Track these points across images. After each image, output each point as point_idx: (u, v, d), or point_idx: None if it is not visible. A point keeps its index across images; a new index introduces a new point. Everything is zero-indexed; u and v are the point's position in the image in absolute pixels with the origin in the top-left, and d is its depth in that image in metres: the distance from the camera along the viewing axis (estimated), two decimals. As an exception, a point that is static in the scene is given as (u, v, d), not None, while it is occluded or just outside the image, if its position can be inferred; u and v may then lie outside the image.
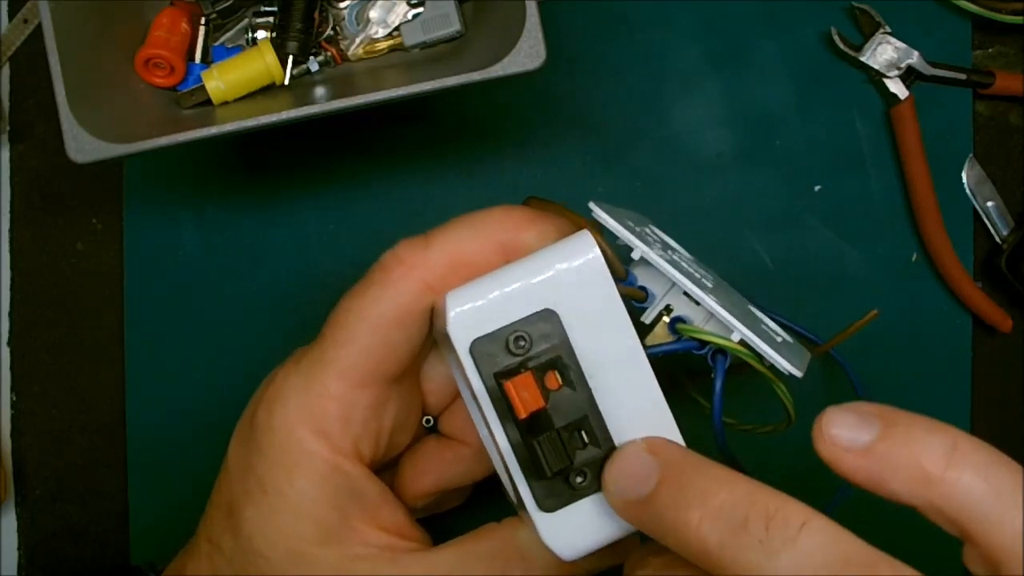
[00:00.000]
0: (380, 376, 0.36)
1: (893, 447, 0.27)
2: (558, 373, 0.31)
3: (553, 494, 0.32)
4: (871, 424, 0.27)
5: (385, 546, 0.36)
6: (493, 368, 0.31)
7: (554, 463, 0.31)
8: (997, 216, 0.51)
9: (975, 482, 0.26)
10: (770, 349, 0.33)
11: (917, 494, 0.27)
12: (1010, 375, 0.51)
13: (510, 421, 0.31)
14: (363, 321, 0.35)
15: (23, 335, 0.52)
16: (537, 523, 0.32)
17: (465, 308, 0.32)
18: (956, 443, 0.27)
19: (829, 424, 0.28)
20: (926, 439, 0.27)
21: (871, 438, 0.27)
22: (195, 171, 0.52)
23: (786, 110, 0.51)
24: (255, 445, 0.36)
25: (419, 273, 0.35)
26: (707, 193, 0.51)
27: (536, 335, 0.31)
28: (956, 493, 0.26)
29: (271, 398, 0.36)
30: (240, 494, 0.36)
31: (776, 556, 0.26)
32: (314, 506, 0.35)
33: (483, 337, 0.31)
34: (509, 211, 0.36)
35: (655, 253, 0.34)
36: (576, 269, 0.32)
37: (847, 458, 0.27)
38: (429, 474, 0.41)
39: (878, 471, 0.27)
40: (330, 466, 0.35)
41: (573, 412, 0.31)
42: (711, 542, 0.27)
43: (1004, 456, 0.27)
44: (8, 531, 0.52)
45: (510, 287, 0.32)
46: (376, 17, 0.47)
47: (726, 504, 0.27)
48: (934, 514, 0.27)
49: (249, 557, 0.36)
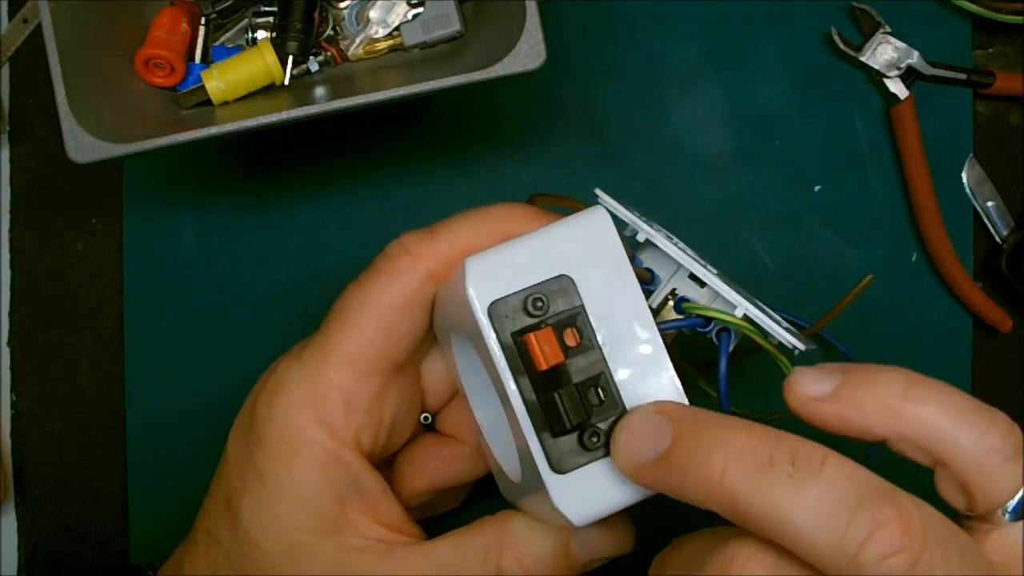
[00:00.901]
0: (384, 365, 0.36)
1: (856, 388, 0.29)
2: (576, 331, 0.32)
3: (566, 454, 0.32)
4: (833, 375, 0.29)
5: (382, 539, 0.36)
6: (511, 328, 0.32)
7: (574, 416, 0.31)
8: (997, 216, 0.51)
9: (932, 408, 0.28)
10: (773, 323, 0.34)
11: (884, 426, 0.29)
12: (1010, 375, 0.51)
13: (525, 378, 0.32)
14: (369, 309, 0.36)
15: (23, 335, 0.52)
16: (549, 485, 0.32)
17: (484, 269, 0.32)
18: (910, 379, 0.29)
19: (798, 380, 0.30)
20: (883, 378, 0.29)
21: (834, 386, 0.29)
22: (195, 171, 0.52)
23: (786, 110, 0.51)
24: (255, 435, 0.36)
25: (425, 264, 0.36)
26: (707, 193, 0.51)
27: (553, 298, 0.32)
28: (917, 419, 0.28)
29: (272, 388, 0.36)
30: (238, 485, 0.36)
31: (806, 488, 0.27)
32: (312, 495, 0.35)
33: (501, 299, 0.32)
34: (514, 207, 0.37)
35: (660, 236, 0.35)
36: (592, 237, 0.33)
37: (817, 406, 0.29)
38: (426, 472, 0.41)
39: (847, 412, 0.29)
40: (330, 455, 0.35)
41: (589, 369, 0.32)
42: (738, 484, 0.27)
43: (958, 389, 0.29)
44: (8, 531, 0.52)
45: (528, 252, 0.33)
46: (376, 17, 0.47)
47: (747, 446, 0.28)
48: (904, 445, 0.29)
49: (246, 549, 0.36)
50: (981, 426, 0.28)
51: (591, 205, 0.36)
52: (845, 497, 0.26)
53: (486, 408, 0.39)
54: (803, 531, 0.26)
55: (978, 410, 0.28)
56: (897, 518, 0.26)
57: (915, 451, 0.29)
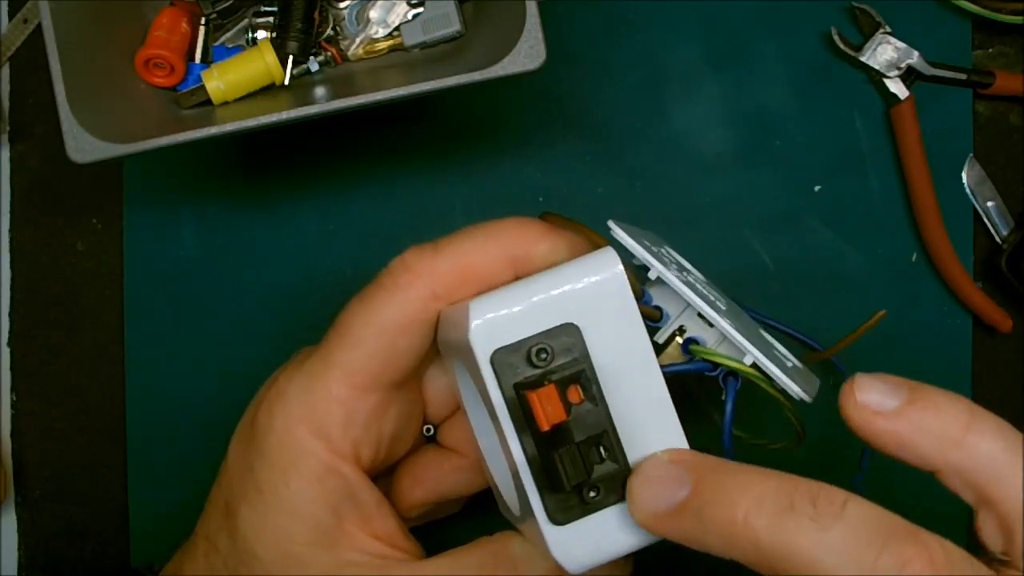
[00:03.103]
0: (384, 381, 0.36)
1: (921, 411, 0.29)
2: (580, 387, 0.31)
3: (565, 508, 0.32)
4: (900, 390, 0.29)
5: (377, 554, 0.36)
6: (513, 379, 0.31)
7: (573, 476, 0.31)
8: (997, 216, 0.51)
9: (993, 443, 0.28)
10: (781, 373, 0.34)
11: (941, 456, 0.28)
12: (1010, 375, 0.51)
13: (527, 433, 0.31)
14: (370, 325, 0.35)
15: (23, 335, 0.52)
16: (547, 536, 0.32)
17: (487, 318, 0.31)
18: (974, 411, 0.29)
19: (861, 389, 0.29)
20: (950, 405, 0.29)
21: (899, 403, 0.29)
22: (195, 171, 0.52)
23: (786, 110, 0.51)
24: (255, 445, 0.36)
25: (427, 281, 0.35)
26: (707, 193, 0.51)
27: (558, 348, 0.31)
28: (976, 453, 0.28)
29: (273, 398, 0.36)
30: (238, 493, 0.36)
31: (830, 530, 0.27)
32: (309, 507, 0.35)
33: (504, 348, 0.31)
34: (521, 223, 0.36)
35: (671, 274, 0.35)
36: (600, 285, 0.32)
37: (877, 421, 0.29)
38: (426, 483, 0.41)
39: (907, 433, 0.29)
40: (327, 467, 0.35)
41: (592, 426, 0.31)
42: (760, 530, 0.27)
43: (1015, 429, 0.29)
44: (8, 531, 0.52)
45: (533, 299, 0.32)
46: (376, 17, 0.47)
47: (767, 492, 0.28)
48: (954, 478, 0.29)
49: (242, 557, 0.36)
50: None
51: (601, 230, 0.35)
52: (869, 537, 0.27)
53: (487, 436, 0.38)
54: (830, 571, 0.26)
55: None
56: (922, 555, 0.26)
57: (964, 487, 0.29)
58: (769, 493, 0.28)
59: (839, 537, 0.27)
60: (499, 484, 0.38)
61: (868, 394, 0.29)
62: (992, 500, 0.28)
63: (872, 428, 0.29)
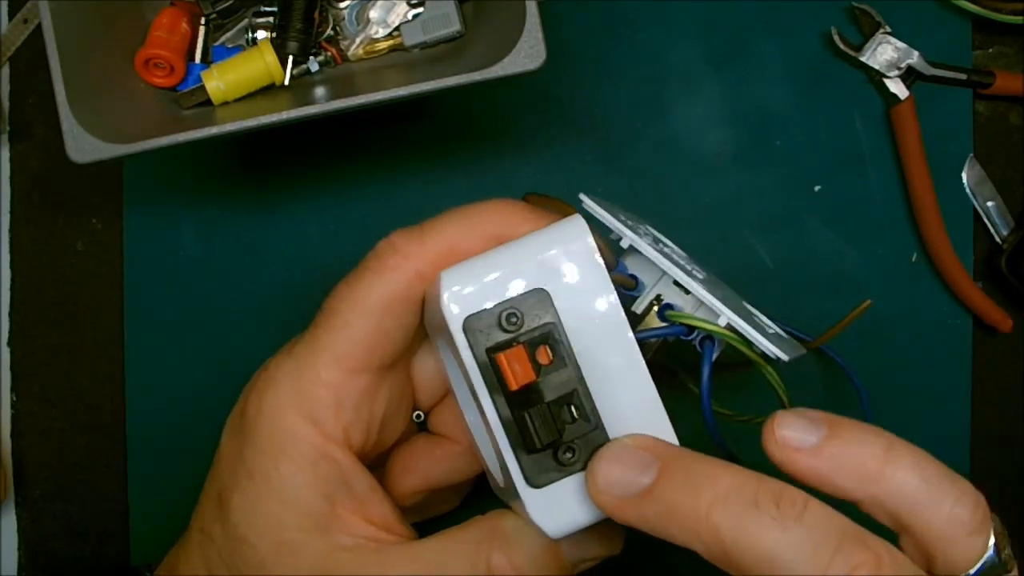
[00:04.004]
0: (373, 363, 0.36)
1: (839, 447, 0.30)
2: (549, 348, 0.32)
3: (542, 470, 0.32)
4: (818, 427, 0.30)
5: (372, 537, 0.36)
6: (486, 344, 0.32)
7: (544, 435, 0.31)
8: (997, 216, 0.51)
9: (910, 476, 0.29)
10: (755, 332, 0.34)
11: (860, 489, 0.29)
12: (1010, 375, 0.51)
13: (500, 395, 0.32)
14: (357, 307, 0.36)
15: (23, 335, 0.52)
16: (525, 499, 0.32)
17: (459, 286, 0.32)
18: (891, 444, 0.30)
19: (780, 426, 0.30)
20: (867, 440, 0.30)
21: (818, 439, 0.30)
22: (195, 171, 0.52)
23: (786, 110, 0.51)
24: (245, 432, 0.36)
25: (413, 262, 0.36)
26: (707, 193, 0.51)
27: (528, 313, 0.32)
28: (894, 486, 0.29)
29: (262, 385, 0.37)
30: (229, 482, 0.36)
31: (789, 531, 0.28)
32: (301, 492, 0.35)
33: (476, 314, 0.32)
34: (504, 204, 0.37)
35: (644, 242, 0.35)
36: (568, 251, 0.32)
37: (798, 458, 0.30)
38: (418, 471, 0.41)
39: (827, 469, 0.30)
40: (319, 452, 0.35)
41: (562, 386, 0.32)
42: (723, 525, 0.28)
43: (931, 456, 0.30)
44: (8, 531, 0.52)
45: (503, 267, 0.33)
46: (376, 17, 0.47)
47: (732, 486, 0.29)
48: (875, 508, 0.30)
49: (237, 546, 0.36)
50: (952, 496, 0.29)
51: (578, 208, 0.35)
52: (825, 539, 0.28)
53: (472, 411, 0.39)
54: (787, 570, 0.27)
55: (950, 480, 0.29)
56: (871, 560, 0.27)
57: (885, 516, 0.30)
58: (735, 488, 0.29)
59: (798, 537, 0.28)
60: (486, 459, 0.38)
61: (787, 431, 0.30)
62: (910, 529, 0.29)
63: (794, 466, 0.30)
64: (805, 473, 0.30)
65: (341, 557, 0.35)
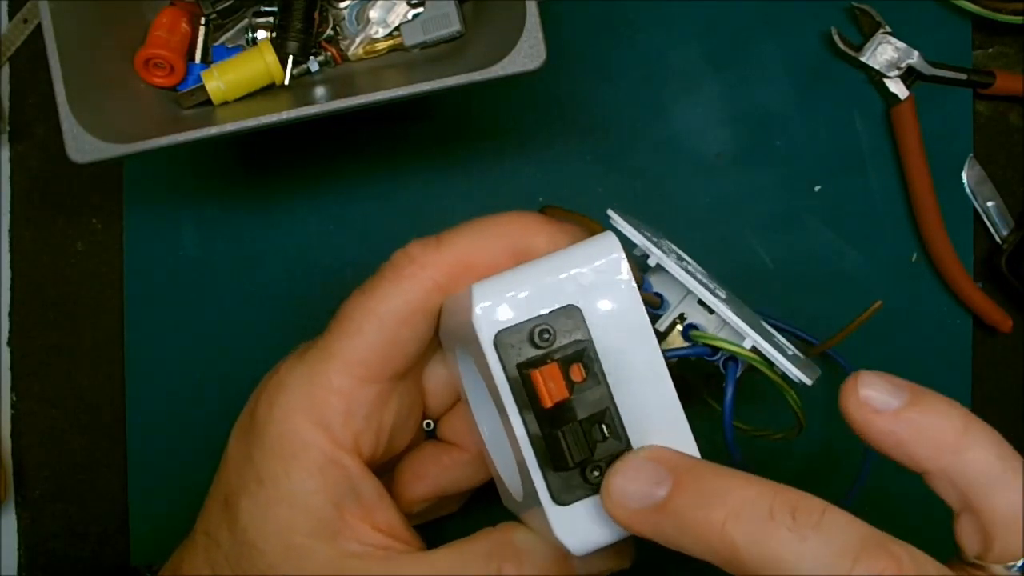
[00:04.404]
0: (385, 372, 0.36)
1: (920, 414, 0.29)
2: (582, 366, 0.32)
3: (568, 487, 0.32)
4: (901, 391, 0.30)
5: (380, 545, 0.36)
6: (517, 359, 0.32)
7: (577, 454, 0.31)
8: (997, 216, 0.51)
9: (986, 454, 0.29)
10: (780, 356, 0.34)
11: (934, 460, 0.29)
12: (1010, 375, 0.51)
13: (530, 411, 0.32)
14: (372, 316, 0.35)
15: (23, 335, 0.52)
16: (550, 516, 0.32)
17: (491, 300, 0.32)
18: (970, 420, 0.29)
19: (864, 385, 0.30)
20: (948, 412, 0.29)
21: (900, 404, 0.29)
22: (195, 171, 0.52)
23: (786, 110, 0.51)
24: (255, 436, 0.36)
25: (430, 273, 0.35)
26: (707, 193, 0.51)
27: (560, 329, 0.32)
28: (969, 461, 0.29)
29: (273, 389, 0.36)
30: (237, 486, 0.36)
31: (807, 541, 0.27)
32: (310, 498, 0.35)
33: (507, 329, 0.32)
34: (522, 216, 0.37)
35: (671, 261, 0.35)
36: (601, 267, 0.32)
37: (876, 419, 0.29)
38: (426, 478, 0.41)
39: (905, 435, 0.29)
40: (328, 458, 0.35)
41: (595, 404, 0.32)
42: (738, 537, 0.28)
43: (1006, 441, 0.29)
44: (8, 531, 0.52)
45: (536, 281, 0.32)
46: (376, 17, 0.47)
47: (747, 498, 0.28)
48: (943, 482, 0.29)
49: (244, 550, 0.36)
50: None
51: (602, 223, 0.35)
52: (845, 548, 0.27)
53: (490, 423, 0.38)
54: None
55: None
56: (892, 566, 0.27)
57: (951, 491, 0.29)
58: (749, 500, 0.28)
59: (816, 547, 0.27)
60: (501, 472, 0.38)
61: (871, 391, 0.29)
62: (977, 508, 0.29)
63: (871, 426, 0.29)
64: (882, 437, 0.29)
65: (349, 564, 0.35)
